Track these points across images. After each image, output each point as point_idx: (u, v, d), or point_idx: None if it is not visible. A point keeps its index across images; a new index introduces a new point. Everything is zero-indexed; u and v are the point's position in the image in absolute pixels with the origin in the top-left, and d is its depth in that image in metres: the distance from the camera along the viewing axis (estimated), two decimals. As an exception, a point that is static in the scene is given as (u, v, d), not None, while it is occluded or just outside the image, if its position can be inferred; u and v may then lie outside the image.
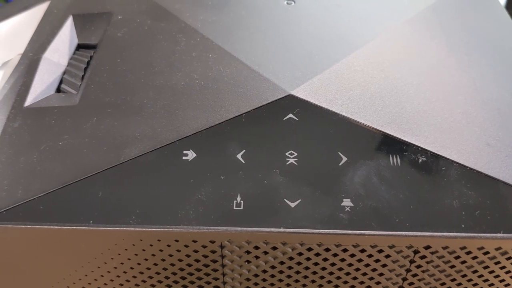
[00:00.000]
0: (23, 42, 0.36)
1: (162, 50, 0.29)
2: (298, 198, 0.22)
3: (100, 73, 0.28)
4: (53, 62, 0.30)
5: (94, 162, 0.23)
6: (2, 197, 0.22)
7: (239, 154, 0.23)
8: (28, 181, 0.23)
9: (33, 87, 0.28)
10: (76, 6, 0.33)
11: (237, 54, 0.28)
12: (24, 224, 0.21)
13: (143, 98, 0.26)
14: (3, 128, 0.25)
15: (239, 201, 0.22)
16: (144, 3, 0.33)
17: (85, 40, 0.32)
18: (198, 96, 0.26)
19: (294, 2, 0.33)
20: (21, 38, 0.37)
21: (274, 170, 0.23)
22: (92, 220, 0.21)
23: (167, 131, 0.24)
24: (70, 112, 0.26)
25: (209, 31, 0.30)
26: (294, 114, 0.25)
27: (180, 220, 0.22)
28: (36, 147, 0.24)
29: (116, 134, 0.24)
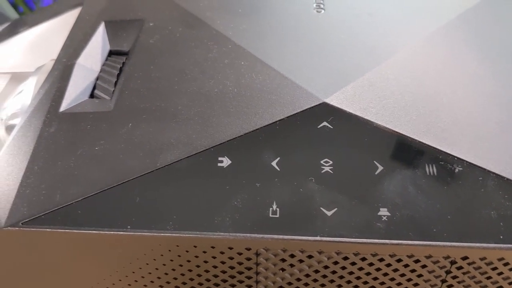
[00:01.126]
0: (55, 48, 0.37)
1: (194, 57, 0.29)
2: (334, 207, 0.22)
3: (134, 79, 0.28)
4: (86, 68, 0.30)
5: (131, 168, 0.23)
6: (40, 201, 0.23)
7: (274, 162, 0.24)
8: (66, 185, 0.23)
9: (67, 93, 0.28)
10: (107, 12, 0.34)
11: (269, 61, 0.28)
12: (62, 229, 0.22)
13: (177, 104, 0.26)
14: (39, 132, 0.26)
15: (275, 208, 0.22)
16: (175, 10, 0.33)
17: (117, 47, 0.32)
18: (231, 103, 0.26)
19: (324, 10, 0.33)
20: (53, 43, 0.37)
21: (310, 178, 0.23)
22: (130, 225, 0.22)
23: (201, 137, 0.25)
24: (105, 117, 0.26)
25: (240, 38, 0.30)
26: (329, 122, 0.25)
27: (216, 226, 0.22)
28: (73, 152, 0.24)
29: (152, 140, 0.25)
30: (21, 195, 0.23)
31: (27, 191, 0.23)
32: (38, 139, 0.25)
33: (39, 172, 0.24)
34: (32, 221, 0.22)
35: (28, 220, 0.22)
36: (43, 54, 0.38)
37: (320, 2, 0.34)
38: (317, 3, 0.34)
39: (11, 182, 0.24)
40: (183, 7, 0.33)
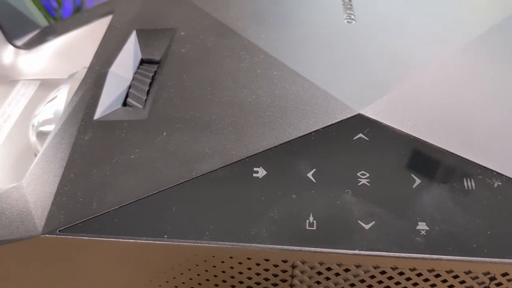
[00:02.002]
0: (85, 55, 0.37)
1: (226, 66, 0.29)
2: (372, 220, 0.22)
3: (167, 88, 0.28)
4: (119, 76, 0.30)
5: (167, 177, 0.23)
6: (77, 209, 0.23)
7: (310, 173, 0.23)
8: (103, 193, 0.23)
9: (101, 101, 0.28)
10: (138, 21, 0.34)
11: (301, 71, 0.28)
12: (99, 237, 0.22)
13: (211, 114, 0.26)
14: (74, 140, 0.26)
15: (312, 221, 0.22)
16: (206, 20, 0.33)
17: (148, 55, 0.32)
18: (265, 113, 0.26)
19: (354, 21, 0.33)
20: (83, 51, 0.38)
21: (346, 191, 0.23)
22: (167, 235, 0.22)
23: (236, 147, 0.25)
24: (140, 126, 0.26)
25: (272, 48, 0.30)
26: (364, 134, 0.25)
27: (253, 238, 0.21)
28: (108, 160, 0.24)
29: (187, 149, 0.25)
30: (58, 203, 0.23)
31: (64, 199, 0.23)
32: (73, 146, 0.25)
33: (75, 180, 0.24)
34: (69, 228, 0.22)
35: (65, 227, 0.22)
36: (73, 62, 0.39)
37: (350, 13, 0.34)
38: (347, 14, 0.34)
39: (48, 189, 0.24)
40: (214, 17, 0.33)
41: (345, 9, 0.34)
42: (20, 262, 0.24)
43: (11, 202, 0.24)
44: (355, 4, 0.35)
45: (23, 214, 0.23)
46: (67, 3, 1.32)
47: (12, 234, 0.23)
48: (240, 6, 0.34)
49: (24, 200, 0.24)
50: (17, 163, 0.34)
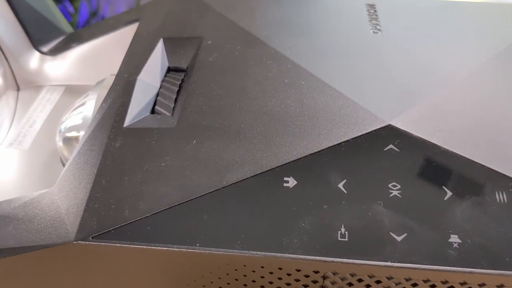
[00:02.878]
0: (110, 62, 0.38)
1: (254, 75, 0.29)
2: (404, 232, 0.22)
3: (196, 96, 0.28)
4: (147, 83, 0.30)
5: (198, 185, 0.24)
6: (109, 216, 0.23)
7: (341, 184, 0.23)
8: (134, 201, 0.23)
9: (130, 108, 0.28)
10: (165, 29, 0.34)
11: (329, 81, 0.28)
12: (132, 244, 0.22)
13: (240, 123, 0.26)
14: (105, 147, 0.26)
15: (344, 232, 0.22)
16: (233, 29, 0.33)
17: (175, 63, 0.33)
18: (294, 123, 0.26)
19: (380, 31, 0.33)
20: (108, 58, 0.38)
21: (378, 202, 0.23)
22: (199, 243, 0.22)
23: (266, 156, 0.25)
24: (169, 134, 0.26)
25: (299, 58, 0.30)
26: (395, 145, 0.25)
27: (285, 248, 0.21)
28: (139, 167, 0.25)
29: (217, 157, 0.25)
30: (90, 209, 0.23)
31: (96, 205, 0.23)
32: (104, 153, 0.26)
33: (106, 187, 0.24)
34: (101, 235, 0.22)
35: (98, 234, 0.22)
36: (97, 68, 0.39)
37: (376, 23, 0.34)
38: (372, 24, 0.34)
39: (79, 196, 0.24)
40: (240, 26, 0.33)
41: (371, 19, 0.34)
42: (52, 267, 0.24)
43: (43, 208, 0.24)
44: (380, 15, 0.35)
45: (55, 220, 0.24)
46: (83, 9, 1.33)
47: (44, 240, 0.23)
48: (265, 16, 0.35)
49: (56, 206, 0.24)
50: (43, 168, 0.34)
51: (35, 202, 0.25)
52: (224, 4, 0.36)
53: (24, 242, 0.24)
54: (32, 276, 0.25)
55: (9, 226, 0.24)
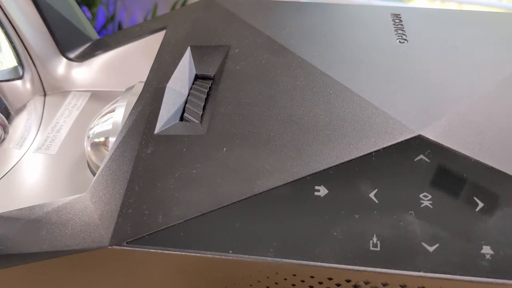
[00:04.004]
0: (137, 69, 0.38)
1: (282, 84, 0.30)
2: (436, 242, 0.22)
3: (224, 104, 0.29)
4: (176, 91, 0.31)
5: (229, 192, 0.24)
6: (143, 222, 0.23)
7: (372, 193, 0.24)
8: (167, 207, 0.24)
9: (160, 115, 0.29)
10: (192, 37, 0.35)
11: (357, 91, 0.29)
12: (166, 250, 0.22)
13: (269, 131, 0.27)
14: (136, 153, 0.26)
15: (376, 241, 0.22)
16: (259, 37, 0.34)
17: (202, 71, 0.33)
18: (324, 131, 0.26)
19: (407, 41, 0.33)
20: (134, 65, 0.39)
21: (410, 212, 0.23)
22: (232, 250, 0.22)
23: (296, 165, 0.25)
24: (200, 141, 0.27)
25: (327, 67, 0.31)
26: (425, 155, 0.25)
27: (317, 256, 0.22)
28: (171, 174, 0.25)
29: (247, 165, 0.25)
30: (124, 215, 0.24)
31: (130, 211, 0.24)
32: (136, 159, 0.26)
33: (139, 193, 0.24)
34: (136, 240, 0.23)
35: (133, 240, 0.23)
36: (123, 75, 0.39)
37: (402, 33, 0.34)
38: (398, 34, 0.34)
39: (113, 201, 0.24)
40: (267, 35, 0.34)
41: (396, 29, 0.34)
42: (85, 272, 0.25)
43: (76, 213, 0.25)
44: (406, 24, 0.35)
45: (89, 225, 0.24)
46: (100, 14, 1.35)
47: (79, 244, 0.23)
48: (291, 25, 0.35)
49: (90, 211, 0.24)
50: (70, 173, 0.34)
51: (68, 207, 0.25)
52: (249, 13, 0.37)
53: (58, 246, 0.24)
54: (65, 280, 0.25)
55: (43, 230, 0.25)
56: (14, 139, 0.36)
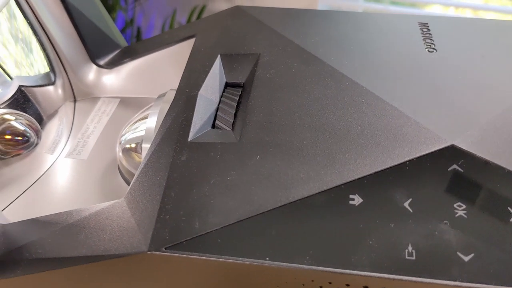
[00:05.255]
0: (165, 76, 0.39)
1: (313, 92, 0.30)
2: (471, 252, 0.22)
3: (256, 112, 0.29)
4: (207, 99, 0.31)
5: (264, 200, 0.24)
6: (180, 228, 0.24)
7: (406, 203, 0.24)
8: (204, 213, 0.24)
9: (193, 123, 0.29)
10: (222, 46, 0.35)
11: (389, 100, 0.29)
12: (205, 256, 0.23)
13: (302, 139, 0.27)
14: (171, 160, 0.27)
15: (411, 250, 0.22)
16: (288, 46, 0.34)
17: (232, 79, 0.33)
18: (357, 140, 0.27)
19: (435, 50, 0.33)
20: (163, 72, 0.39)
21: (444, 222, 0.23)
22: (268, 257, 0.22)
23: (330, 173, 0.25)
24: (233, 148, 0.27)
25: (357, 76, 0.31)
26: (459, 165, 0.25)
27: (353, 264, 0.22)
28: (206, 180, 0.25)
29: (281, 173, 0.25)
30: (162, 221, 0.24)
31: (167, 217, 0.24)
32: (171, 166, 0.27)
33: (176, 199, 0.25)
34: (174, 246, 0.23)
35: (171, 245, 0.23)
36: (152, 82, 0.40)
37: (430, 42, 0.34)
38: (427, 43, 0.34)
39: (150, 207, 0.25)
40: (296, 43, 0.34)
41: (425, 38, 0.35)
42: (122, 277, 0.25)
43: (114, 218, 0.25)
44: (434, 34, 0.35)
45: (127, 230, 0.24)
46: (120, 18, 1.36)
47: (117, 249, 0.24)
48: (320, 33, 0.35)
49: (127, 216, 0.25)
50: (101, 178, 0.35)
51: (106, 212, 0.26)
52: (277, 21, 0.37)
53: (97, 251, 0.24)
54: (101, 284, 0.26)
55: (81, 234, 0.25)
56: (47, 144, 0.37)
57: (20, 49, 0.38)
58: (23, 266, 0.26)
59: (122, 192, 0.34)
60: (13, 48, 0.37)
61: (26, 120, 0.36)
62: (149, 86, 0.41)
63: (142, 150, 0.32)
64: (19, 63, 0.38)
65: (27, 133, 0.35)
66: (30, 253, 0.26)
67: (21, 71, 0.37)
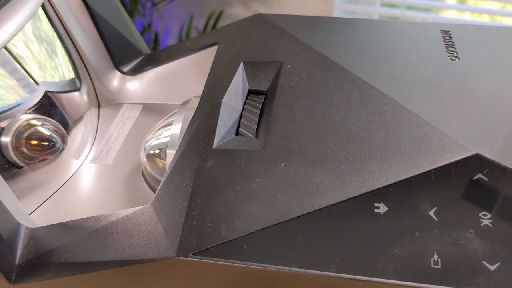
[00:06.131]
0: (187, 83, 0.39)
1: (336, 101, 0.30)
2: (497, 261, 0.22)
3: (280, 120, 0.30)
4: (231, 106, 0.32)
5: (289, 207, 0.25)
6: (207, 234, 0.24)
7: (431, 211, 0.24)
8: (230, 220, 0.24)
9: (218, 130, 0.30)
10: (244, 53, 0.36)
11: (412, 108, 0.29)
12: (231, 262, 0.23)
13: (326, 147, 0.27)
14: (197, 167, 0.27)
15: (436, 259, 0.22)
16: (311, 53, 0.34)
17: (255, 86, 0.34)
18: (381, 149, 0.27)
19: (458, 58, 0.33)
20: (185, 79, 0.40)
21: (470, 231, 0.23)
22: (294, 264, 0.23)
23: (355, 182, 0.25)
24: (257, 156, 0.27)
25: (380, 83, 0.31)
26: (484, 174, 0.25)
27: (379, 272, 0.22)
28: (232, 187, 0.26)
29: (306, 181, 0.26)
30: (188, 227, 0.25)
31: (194, 223, 0.25)
32: (197, 173, 0.27)
33: (202, 205, 0.25)
34: (202, 252, 0.23)
35: (199, 251, 0.23)
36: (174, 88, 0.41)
37: (453, 50, 0.34)
38: (449, 51, 0.34)
39: (177, 213, 0.25)
40: (318, 51, 0.34)
41: (447, 46, 0.35)
42: (149, 282, 0.25)
43: (141, 223, 0.26)
44: (456, 41, 0.35)
45: (155, 236, 0.25)
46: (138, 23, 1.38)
47: (145, 254, 0.24)
48: (342, 41, 0.36)
49: (155, 222, 0.26)
50: (126, 183, 0.36)
51: (133, 217, 0.26)
52: (299, 29, 0.38)
53: (125, 256, 0.25)
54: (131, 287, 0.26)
55: (109, 239, 0.26)
56: (72, 150, 0.37)
57: (45, 55, 0.38)
58: (52, 270, 0.27)
59: (146, 197, 0.35)
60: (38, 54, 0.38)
61: (52, 126, 0.36)
62: (171, 93, 0.42)
63: (167, 156, 0.32)
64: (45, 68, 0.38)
65: (53, 139, 0.36)
66: (59, 257, 0.27)
67: (47, 76, 0.38)
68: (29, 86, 0.37)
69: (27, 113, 0.36)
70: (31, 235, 0.29)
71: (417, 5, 1.33)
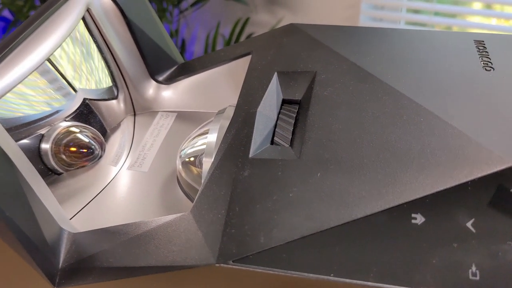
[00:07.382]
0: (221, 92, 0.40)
1: (371, 111, 0.31)
2: (536, 274, 0.22)
3: (315, 130, 0.30)
4: (266, 115, 0.32)
5: (327, 217, 0.25)
6: (246, 242, 0.25)
7: (469, 223, 0.24)
8: (268, 228, 0.25)
9: (253, 139, 0.30)
10: (278, 63, 0.36)
11: (447, 119, 0.29)
12: (271, 270, 0.23)
13: (362, 157, 0.28)
14: (234, 175, 0.28)
15: (475, 271, 0.22)
16: (344, 63, 0.35)
17: (288, 96, 0.34)
18: (417, 160, 0.27)
19: (493, 69, 0.33)
20: (219, 88, 0.41)
21: (508, 243, 0.23)
22: (333, 273, 0.23)
23: (392, 192, 0.26)
24: (293, 165, 0.28)
25: (414, 94, 0.31)
26: (522, 186, 0.25)
27: (417, 283, 0.22)
28: (269, 196, 0.26)
29: (343, 191, 0.26)
30: (228, 234, 0.25)
31: (233, 231, 0.25)
32: (234, 181, 0.28)
33: (240, 214, 0.26)
34: (241, 259, 0.24)
35: (238, 259, 0.24)
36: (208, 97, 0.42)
37: (487, 60, 0.34)
38: (484, 61, 0.34)
39: (216, 221, 0.26)
40: (352, 61, 0.35)
41: (481, 56, 0.35)
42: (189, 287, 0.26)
43: (181, 230, 0.27)
44: (490, 52, 0.35)
45: (195, 243, 0.26)
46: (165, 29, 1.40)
47: (186, 261, 0.25)
48: (376, 51, 0.36)
49: (194, 229, 0.26)
50: (162, 189, 0.37)
51: (173, 225, 0.27)
52: (332, 39, 0.38)
53: (166, 262, 0.26)
54: (169, 293, 0.27)
55: (150, 245, 0.27)
56: (110, 157, 0.39)
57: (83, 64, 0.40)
58: (94, 274, 0.28)
59: (182, 203, 0.36)
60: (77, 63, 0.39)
61: (91, 133, 0.38)
62: (204, 101, 0.43)
63: (203, 163, 0.33)
64: (83, 76, 0.40)
65: (92, 146, 0.37)
66: (101, 262, 0.28)
67: (85, 84, 0.40)
68: (68, 94, 0.38)
69: (66, 120, 0.37)
70: (73, 240, 0.30)
71: (443, 11, 1.32)
